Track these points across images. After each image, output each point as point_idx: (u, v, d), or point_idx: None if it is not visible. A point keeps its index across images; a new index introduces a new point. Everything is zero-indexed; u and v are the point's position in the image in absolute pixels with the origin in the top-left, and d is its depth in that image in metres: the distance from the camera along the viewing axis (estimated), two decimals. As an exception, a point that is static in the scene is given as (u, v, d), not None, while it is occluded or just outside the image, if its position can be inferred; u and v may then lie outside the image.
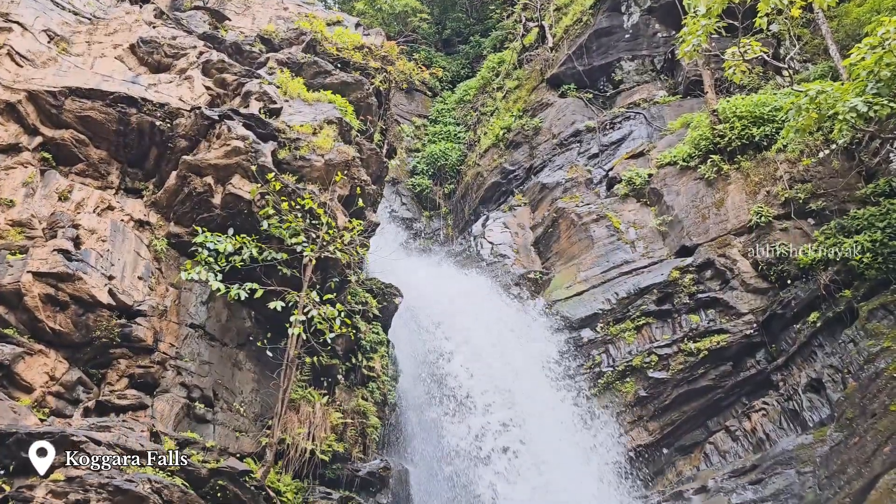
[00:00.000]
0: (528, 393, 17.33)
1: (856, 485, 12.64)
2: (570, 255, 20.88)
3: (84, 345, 11.74)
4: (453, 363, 17.69)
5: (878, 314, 14.50)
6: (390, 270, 17.82)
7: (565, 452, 16.21)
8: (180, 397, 12.14)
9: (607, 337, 18.42)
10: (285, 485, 12.30)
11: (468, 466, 15.48)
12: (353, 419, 14.31)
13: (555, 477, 15.40)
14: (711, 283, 18.02)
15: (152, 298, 12.61)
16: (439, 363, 17.68)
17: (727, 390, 16.75)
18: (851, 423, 13.56)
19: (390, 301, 16.68)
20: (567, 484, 15.23)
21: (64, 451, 9.99)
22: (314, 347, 12.77)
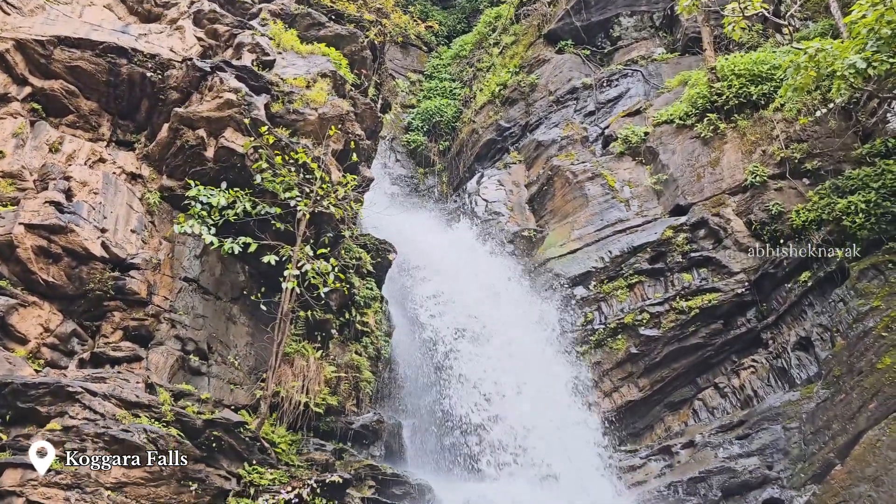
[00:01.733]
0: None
1: (840, 440, 12.89)
2: (565, 213, 20.86)
3: (78, 297, 11.76)
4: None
5: (869, 274, 14.60)
6: (384, 226, 17.86)
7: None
8: (175, 350, 12.21)
9: (600, 295, 18.52)
10: (280, 436, 12.47)
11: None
12: (347, 373, 14.45)
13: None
14: (705, 243, 18.07)
15: (145, 252, 12.59)
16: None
17: (717, 348, 16.93)
18: (838, 380, 13.77)
19: (384, 257, 16.70)
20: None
21: (60, 402, 10.11)
22: (308, 302, 12.82)
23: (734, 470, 14.31)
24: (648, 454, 16.15)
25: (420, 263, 19.31)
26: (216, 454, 10.93)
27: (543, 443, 15.31)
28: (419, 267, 19.23)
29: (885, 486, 11.32)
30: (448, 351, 16.83)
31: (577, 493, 14.69)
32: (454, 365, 16.51)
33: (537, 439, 15.34)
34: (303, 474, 11.80)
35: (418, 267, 19.22)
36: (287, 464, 12.04)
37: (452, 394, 16.04)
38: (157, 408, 10.70)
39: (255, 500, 10.92)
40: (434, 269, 19.20)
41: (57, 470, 9.46)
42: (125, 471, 9.98)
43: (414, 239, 20.03)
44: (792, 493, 13.33)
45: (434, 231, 21.94)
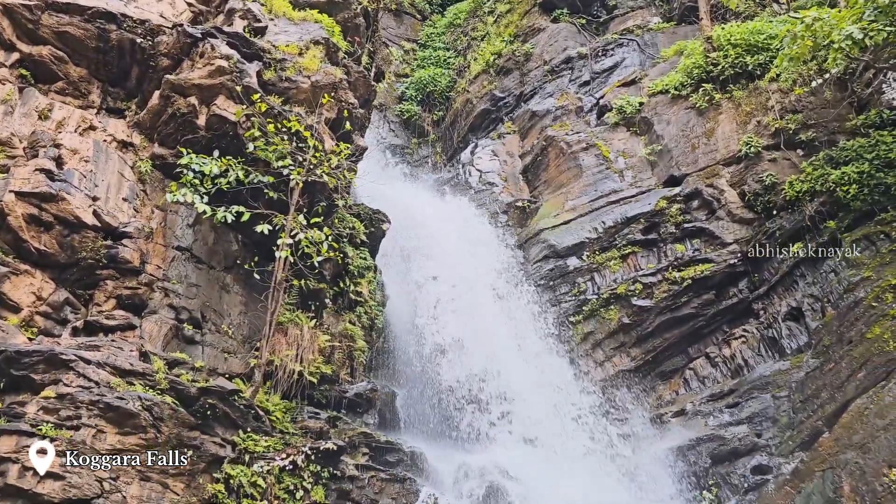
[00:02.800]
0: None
1: (828, 408, 13.06)
2: (559, 183, 20.82)
3: (70, 265, 11.71)
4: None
5: (861, 244, 14.69)
6: (378, 196, 17.80)
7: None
8: (168, 318, 12.21)
9: (593, 265, 18.57)
10: (274, 404, 12.54)
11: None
12: (341, 342, 14.50)
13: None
14: (698, 213, 18.11)
15: (138, 220, 12.52)
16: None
17: (709, 318, 17.07)
18: (828, 349, 13.91)
19: (378, 227, 16.66)
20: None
21: (54, 370, 10.12)
22: (301, 271, 12.81)
23: (724, 438, 14.51)
24: (639, 423, 16.34)
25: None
26: (211, 422, 10.99)
27: (535, 410, 15.47)
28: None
29: (872, 453, 11.48)
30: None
31: (567, 461, 14.88)
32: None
33: (529, 406, 15.51)
34: (297, 442, 11.88)
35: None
36: (282, 431, 12.12)
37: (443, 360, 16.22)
38: (151, 376, 10.72)
39: (250, 467, 11.01)
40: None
41: (52, 437, 9.49)
42: (120, 438, 10.04)
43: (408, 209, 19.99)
44: (780, 460, 13.54)
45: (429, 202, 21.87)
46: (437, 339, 16.69)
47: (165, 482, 10.25)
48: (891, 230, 14.32)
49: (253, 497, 10.79)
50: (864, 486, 11.28)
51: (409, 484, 12.28)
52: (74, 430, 9.77)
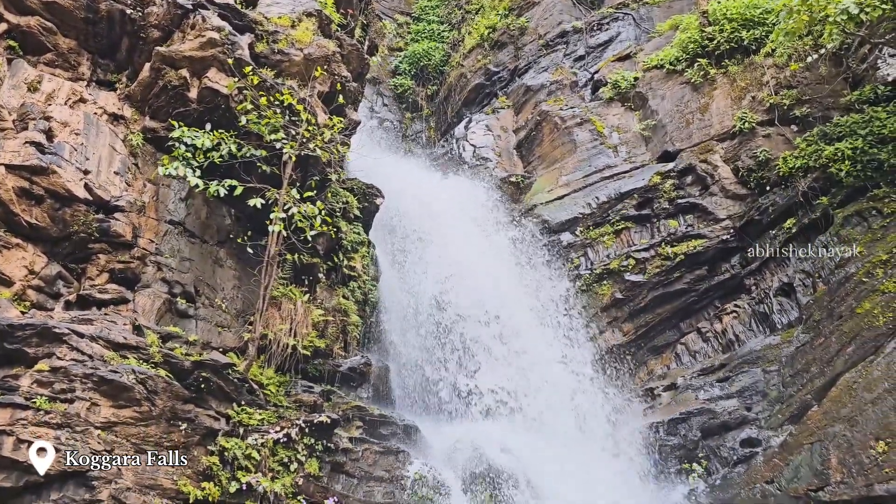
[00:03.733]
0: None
1: (818, 382, 13.21)
2: (553, 158, 20.77)
3: (62, 239, 11.65)
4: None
5: (853, 220, 14.75)
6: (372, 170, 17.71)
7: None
8: (161, 292, 12.19)
9: (586, 241, 18.61)
10: (268, 378, 12.58)
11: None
12: (335, 317, 14.51)
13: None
14: (691, 189, 18.13)
15: (129, 194, 12.44)
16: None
17: (701, 293, 17.16)
18: (818, 324, 14.03)
19: (371, 201, 16.60)
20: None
21: (47, 343, 10.12)
22: (295, 245, 12.79)
23: (714, 411, 14.67)
24: (630, 397, 16.49)
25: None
26: (205, 395, 11.03)
27: (530, 385, 15.59)
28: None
29: (859, 426, 11.64)
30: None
31: (559, 435, 15.03)
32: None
33: (523, 380, 15.64)
34: (291, 415, 11.94)
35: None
36: (276, 405, 12.17)
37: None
38: (144, 349, 10.73)
39: (244, 440, 11.07)
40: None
41: (46, 410, 9.51)
42: (115, 411, 10.06)
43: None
44: (769, 433, 13.71)
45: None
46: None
47: (160, 454, 10.30)
48: (883, 206, 14.37)
49: (247, 469, 10.85)
50: (852, 459, 11.45)
51: (402, 456, 12.39)
52: (68, 403, 9.78)
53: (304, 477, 11.27)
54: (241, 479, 10.66)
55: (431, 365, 15.81)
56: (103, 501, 9.52)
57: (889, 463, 10.91)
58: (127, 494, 9.74)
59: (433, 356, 15.98)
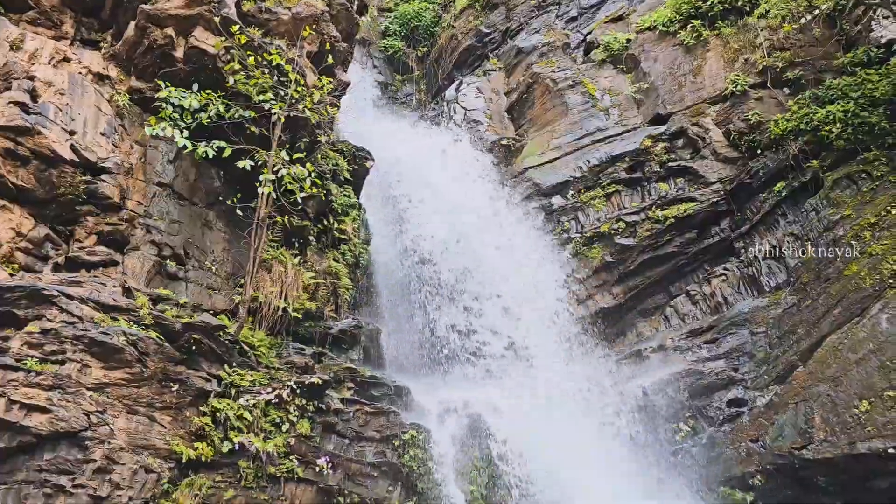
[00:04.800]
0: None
1: (804, 343, 13.38)
2: (544, 121, 20.65)
3: (49, 201, 11.53)
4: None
5: (842, 184, 14.79)
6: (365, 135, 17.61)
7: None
8: (151, 255, 12.13)
9: (577, 204, 18.61)
10: (259, 340, 12.61)
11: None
12: (325, 279, 14.51)
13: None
14: (683, 152, 18.12)
15: (117, 155, 12.29)
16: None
17: (690, 257, 17.25)
18: (806, 287, 14.16)
19: (361, 164, 16.50)
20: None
21: (36, 305, 10.09)
22: (285, 208, 12.73)
23: (701, 372, 14.87)
24: (620, 358, 16.68)
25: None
26: (196, 357, 11.06)
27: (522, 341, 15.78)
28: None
29: (843, 386, 11.84)
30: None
31: (549, 397, 15.20)
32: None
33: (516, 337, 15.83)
34: (282, 376, 12.00)
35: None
36: (267, 366, 12.23)
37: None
38: (135, 311, 10.72)
39: (236, 401, 11.15)
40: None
41: (38, 371, 9.53)
42: (106, 372, 10.09)
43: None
44: (755, 393, 13.92)
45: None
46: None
47: (152, 415, 10.37)
48: (872, 169, 14.41)
49: (239, 430, 10.95)
50: (835, 418, 11.67)
51: (393, 417, 12.50)
52: (59, 364, 9.80)
53: (295, 437, 11.37)
54: (233, 440, 10.76)
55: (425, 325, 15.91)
56: (97, 461, 9.59)
57: (871, 421, 11.14)
58: (120, 454, 9.82)
59: (424, 318, 16.07)
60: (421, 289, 16.53)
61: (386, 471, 12.14)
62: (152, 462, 10.12)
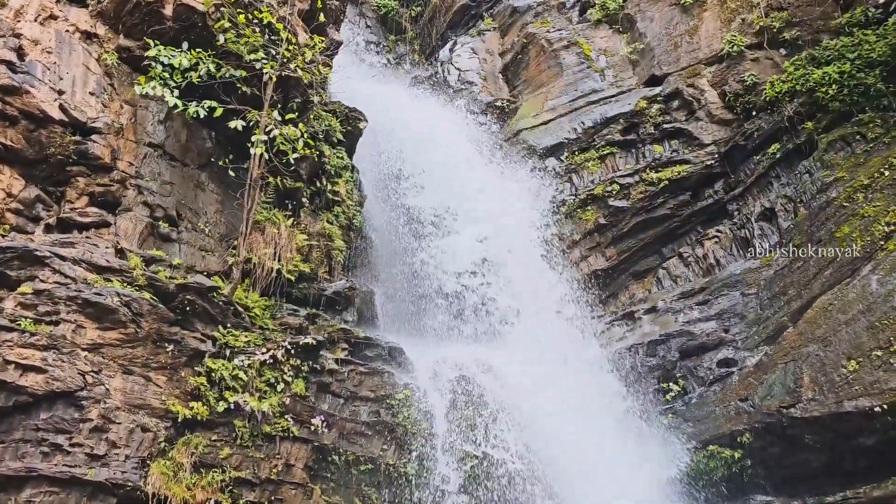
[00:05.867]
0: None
1: (794, 305, 13.50)
2: (539, 83, 20.46)
3: (39, 162, 11.44)
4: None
5: (837, 146, 14.76)
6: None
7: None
8: (143, 216, 12.08)
9: (571, 166, 18.55)
10: (253, 301, 12.64)
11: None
12: (319, 241, 14.50)
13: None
14: (678, 114, 18.02)
15: (106, 115, 12.16)
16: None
17: (684, 219, 17.27)
18: (798, 248, 14.23)
19: (355, 125, 16.35)
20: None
21: (29, 266, 10.08)
22: (277, 168, 12.66)
23: (692, 333, 15.01)
24: (612, 320, 16.80)
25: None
26: (190, 318, 11.10)
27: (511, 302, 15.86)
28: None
29: (832, 346, 11.98)
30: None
31: (541, 358, 15.33)
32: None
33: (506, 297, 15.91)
34: (277, 337, 12.07)
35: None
36: (261, 327, 12.28)
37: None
38: (128, 272, 10.73)
39: (230, 361, 11.22)
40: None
41: (32, 332, 9.55)
42: (100, 333, 10.13)
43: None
44: (745, 353, 14.08)
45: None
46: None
47: (148, 375, 10.44)
48: (867, 131, 14.36)
49: (235, 389, 11.04)
50: (823, 377, 11.84)
51: (387, 377, 12.63)
52: (54, 325, 9.83)
53: (290, 397, 11.48)
54: (228, 399, 10.86)
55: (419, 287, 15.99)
56: (93, 420, 9.68)
57: (859, 381, 11.30)
58: (116, 414, 9.91)
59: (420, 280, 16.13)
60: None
61: (380, 430, 12.30)
62: (148, 421, 10.22)
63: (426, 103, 20.53)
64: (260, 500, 10.87)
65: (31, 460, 9.21)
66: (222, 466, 10.61)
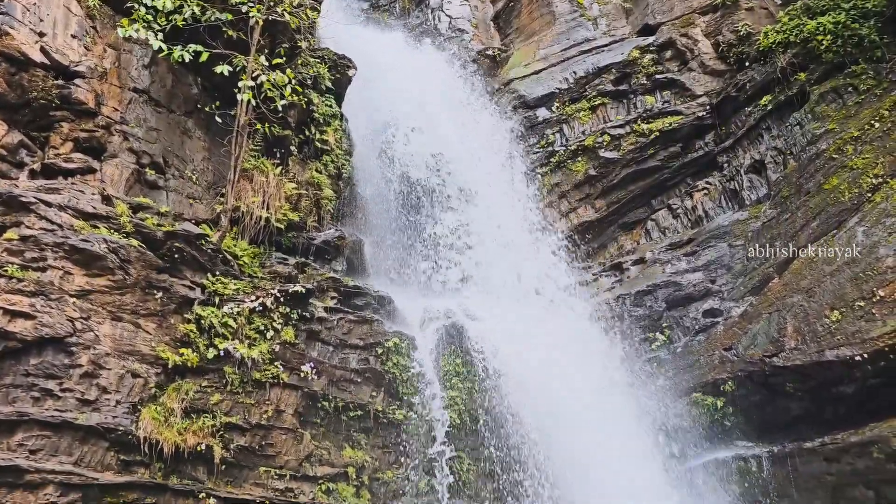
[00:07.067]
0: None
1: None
2: (531, 31, 20.16)
3: (21, 106, 11.22)
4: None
5: (828, 97, 14.70)
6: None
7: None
8: (129, 163, 11.93)
9: (562, 116, 18.42)
10: (242, 249, 12.62)
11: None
12: (308, 190, 14.41)
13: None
14: (670, 64, 17.86)
15: (89, 59, 11.88)
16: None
17: (674, 171, 17.27)
18: (786, 200, 14.29)
19: (343, 73, 16.08)
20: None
21: (14, 212, 9.98)
22: (265, 115, 12.49)
23: (679, 284, 15.15)
24: (600, 270, 16.92)
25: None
26: (179, 265, 11.07)
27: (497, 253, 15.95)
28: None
29: (816, 297, 12.13)
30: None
31: (528, 306, 15.47)
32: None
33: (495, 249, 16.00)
34: (266, 285, 12.08)
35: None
36: (250, 276, 12.28)
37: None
38: (115, 219, 10.64)
39: (220, 308, 11.24)
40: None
41: (19, 278, 9.51)
42: (88, 279, 10.10)
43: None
44: (730, 304, 14.25)
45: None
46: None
47: (137, 322, 10.46)
48: (859, 83, 14.30)
49: (224, 337, 11.09)
50: (807, 327, 12.01)
51: (376, 325, 12.71)
52: (41, 271, 9.77)
53: (280, 344, 11.55)
54: (218, 346, 10.91)
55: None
56: (83, 366, 9.73)
57: (841, 331, 11.48)
58: (106, 360, 9.95)
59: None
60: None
61: (369, 377, 12.44)
62: (138, 367, 10.28)
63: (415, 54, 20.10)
64: (251, 444, 11.04)
65: (22, 405, 9.27)
66: (213, 412, 10.73)
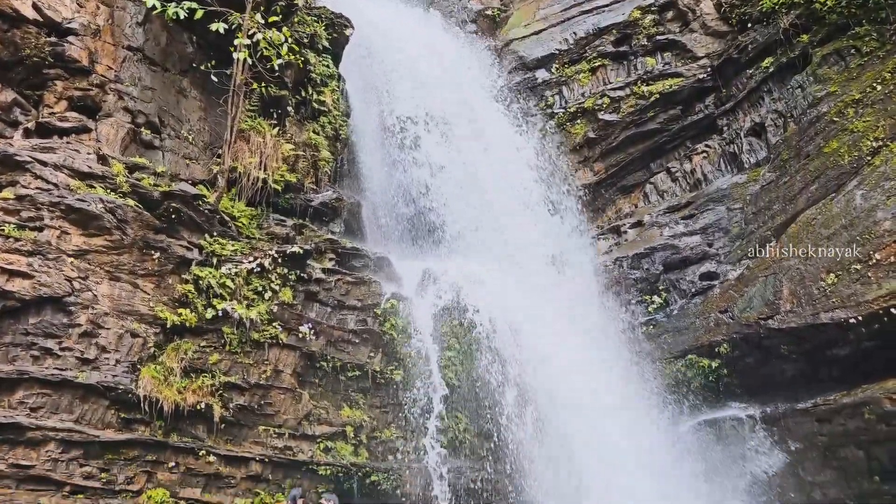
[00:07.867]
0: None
1: (779, 219, 13.62)
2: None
3: (15, 63, 11.08)
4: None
5: (831, 59, 14.54)
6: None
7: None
8: (125, 122, 11.82)
9: (562, 78, 18.25)
10: (239, 210, 12.58)
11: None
12: (305, 151, 14.31)
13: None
14: (672, 25, 17.63)
15: (82, 16, 11.70)
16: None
17: (673, 133, 17.16)
18: (785, 164, 14.23)
19: (340, 32, 15.86)
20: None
21: (9, 171, 9.92)
22: (262, 75, 12.34)
23: (677, 247, 15.17)
24: (598, 233, 16.93)
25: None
26: (176, 225, 11.04)
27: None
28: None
29: (813, 260, 12.17)
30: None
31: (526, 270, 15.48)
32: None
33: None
34: (264, 246, 12.06)
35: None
36: (248, 237, 12.26)
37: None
38: (111, 179, 10.58)
39: (218, 269, 11.24)
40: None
41: (16, 237, 9.49)
42: (86, 239, 10.07)
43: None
44: (727, 267, 14.29)
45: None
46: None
47: (135, 282, 10.46)
48: (862, 45, 14.14)
49: (222, 297, 11.10)
50: (802, 290, 12.06)
51: (374, 286, 12.73)
52: (38, 231, 9.76)
53: (278, 304, 11.58)
54: (216, 307, 10.93)
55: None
56: (82, 325, 9.76)
57: (836, 293, 11.53)
58: (105, 319, 9.98)
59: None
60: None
61: (367, 338, 12.50)
62: (137, 327, 10.32)
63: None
64: (250, 403, 11.14)
65: (22, 363, 9.33)
66: (212, 371, 10.80)
